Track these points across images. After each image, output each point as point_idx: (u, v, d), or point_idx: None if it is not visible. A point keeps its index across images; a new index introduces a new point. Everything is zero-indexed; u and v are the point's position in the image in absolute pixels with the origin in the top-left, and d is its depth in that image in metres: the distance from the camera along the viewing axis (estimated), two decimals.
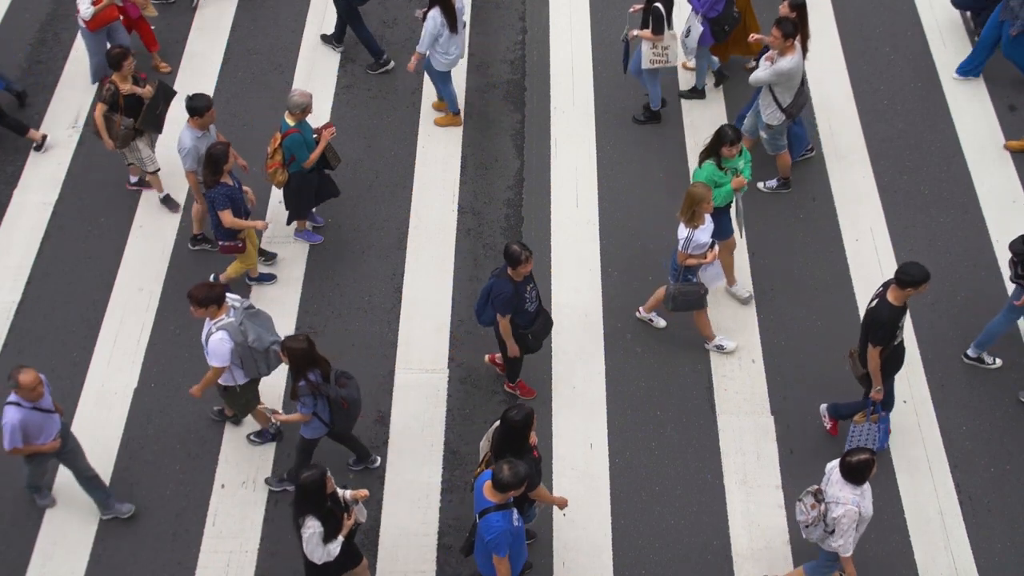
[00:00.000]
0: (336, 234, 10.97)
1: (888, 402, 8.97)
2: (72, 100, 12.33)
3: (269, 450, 9.39)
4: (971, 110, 12.04)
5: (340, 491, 7.67)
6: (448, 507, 9.07)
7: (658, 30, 11.08)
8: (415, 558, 8.79)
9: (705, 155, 9.59)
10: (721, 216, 9.71)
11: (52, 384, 9.77)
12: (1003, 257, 10.68)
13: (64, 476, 9.21)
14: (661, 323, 10.16)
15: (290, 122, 9.93)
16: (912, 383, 9.76)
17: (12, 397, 7.98)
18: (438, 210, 11.21)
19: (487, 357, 9.89)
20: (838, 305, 10.34)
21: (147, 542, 8.87)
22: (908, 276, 8.17)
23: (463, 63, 12.63)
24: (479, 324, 9.20)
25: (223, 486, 9.19)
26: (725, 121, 11.88)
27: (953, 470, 9.23)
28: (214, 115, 9.86)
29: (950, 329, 10.11)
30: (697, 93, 12.22)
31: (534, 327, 9.03)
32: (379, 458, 9.30)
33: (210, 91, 12.29)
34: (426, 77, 12.44)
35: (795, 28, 10.15)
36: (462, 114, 12.05)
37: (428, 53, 11.24)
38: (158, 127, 10.66)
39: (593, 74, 12.54)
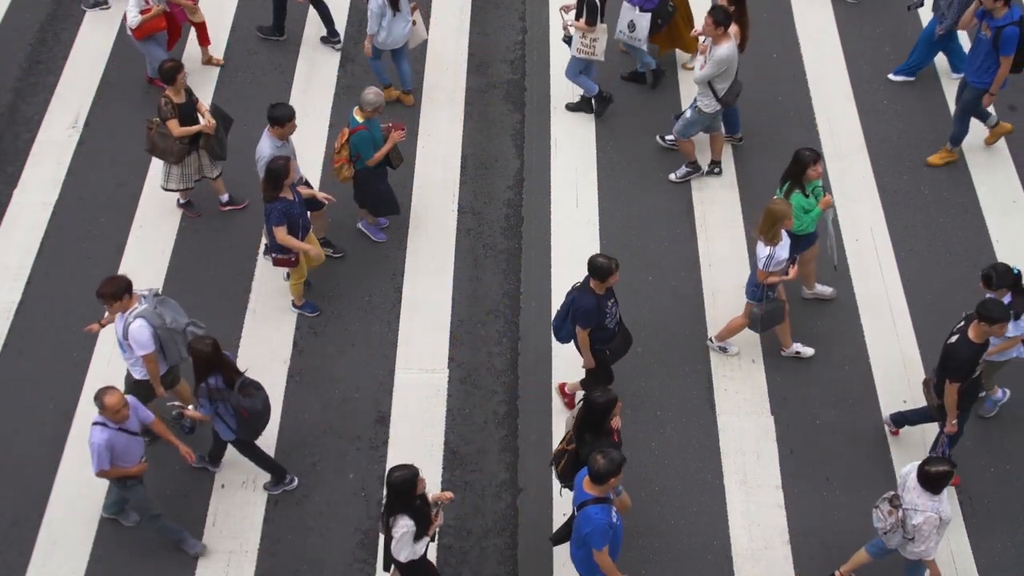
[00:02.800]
0: (336, 234, 10.97)
1: (957, 436, 8.73)
2: (72, 100, 12.32)
3: (269, 451, 9.38)
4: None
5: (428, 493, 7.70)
6: (448, 507, 9.06)
7: (591, 21, 11.17)
8: None
9: (790, 186, 9.34)
10: (803, 240, 9.56)
11: (52, 384, 9.77)
12: (1003, 257, 10.68)
13: (64, 476, 9.21)
14: (734, 350, 9.96)
15: (359, 118, 9.86)
16: (912, 383, 9.75)
17: (98, 418, 7.85)
18: (438, 210, 11.21)
19: (557, 385, 9.70)
20: (838, 305, 10.33)
21: (147, 542, 8.87)
22: (992, 315, 7.97)
23: (463, 63, 12.64)
24: (557, 340, 8.99)
25: (223, 486, 9.19)
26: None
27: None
28: (295, 125, 9.72)
29: (950, 329, 10.10)
30: (638, 76, 12.37)
31: (612, 344, 8.86)
32: (296, 479, 9.16)
33: (210, 92, 12.29)
34: (425, 78, 12.45)
35: (727, 17, 10.16)
36: (461, 115, 12.04)
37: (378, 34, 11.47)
38: (222, 154, 10.59)
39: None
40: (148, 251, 10.87)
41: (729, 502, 9.06)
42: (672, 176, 11.38)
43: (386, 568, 7.87)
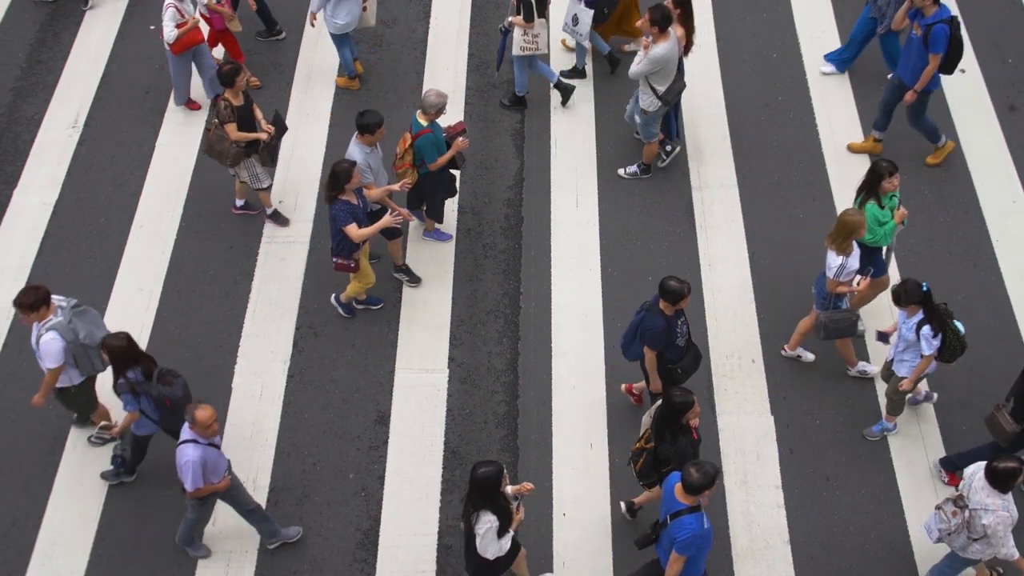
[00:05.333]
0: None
1: None
2: (72, 100, 12.33)
3: (269, 451, 9.39)
4: (971, 110, 12.05)
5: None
6: (448, 507, 9.07)
7: (528, 17, 11.21)
8: (415, 558, 8.79)
9: (865, 197, 9.23)
10: (876, 252, 9.48)
11: None
12: (1003, 257, 10.69)
13: (64, 476, 9.22)
14: (810, 357, 9.85)
15: (423, 122, 9.79)
16: None
17: (188, 434, 7.72)
18: None
19: (623, 387, 9.62)
20: None
21: (147, 542, 8.87)
22: None
23: (463, 63, 12.64)
24: (625, 358, 8.94)
25: None
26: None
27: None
28: (384, 132, 9.62)
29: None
30: (577, 73, 12.43)
31: (683, 362, 8.78)
32: (136, 475, 9.16)
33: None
34: (425, 78, 12.46)
35: (664, 18, 10.13)
36: (461, 115, 12.04)
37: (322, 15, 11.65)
38: (272, 162, 10.55)
39: (593, 74, 12.54)
40: (148, 251, 10.87)
41: (729, 502, 9.06)
42: (622, 171, 11.40)
43: (466, 566, 7.84)
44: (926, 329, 8.48)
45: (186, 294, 10.50)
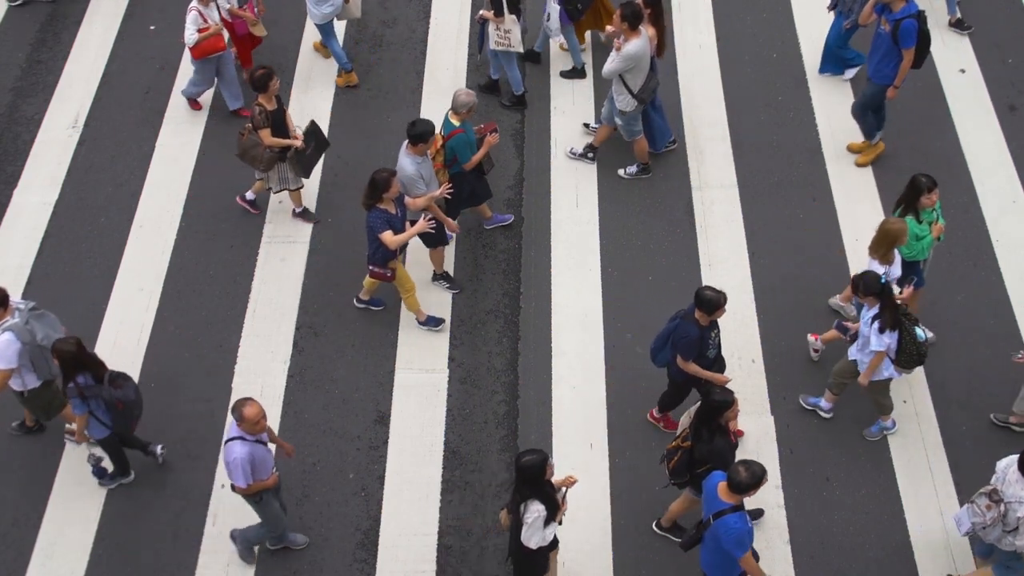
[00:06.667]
0: (336, 234, 10.97)
1: None
2: (72, 100, 12.33)
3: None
4: (971, 110, 12.05)
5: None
6: (448, 507, 9.07)
7: (498, 12, 11.28)
8: (415, 558, 8.79)
9: (903, 211, 9.16)
10: (915, 264, 9.42)
11: None
12: (1003, 257, 10.69)
13: (64, 476, 9.21)
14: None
15: (455, 122, 9.76)
16: (912, 383, 9.75)
17: (235, 431, 7.70)
18: None
19: (650, 414, 9.53)
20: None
21: (147, 542, 8.87)
22: None
23: (463, 63, 12.64)
24: (654, 364, 8.88)
25: (223, 486, 9.19)
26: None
27: (953, 470, 9.23)
28: (436, 140, 9.55)
29: (950, 329, 10.11)
30: (577, 72, 12.44)
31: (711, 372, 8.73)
32: (133, 472, 9.16)
33: (210, 93, 12.29)
34: (425, 78, 12.46)
35: (635, 16, 10.15)
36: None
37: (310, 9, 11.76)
38: (306, 172, 10.50)
39: (593, 74, 12.54)
40: (148, 251, 10.87)
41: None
42: (622, 172, 11.41)
43: (510, 554, 7.84)
44: (876, 323, 8.48)
45: (186, 294, 10.50)
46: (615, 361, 9.94)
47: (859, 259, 10.69)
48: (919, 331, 8.57)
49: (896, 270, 8.92)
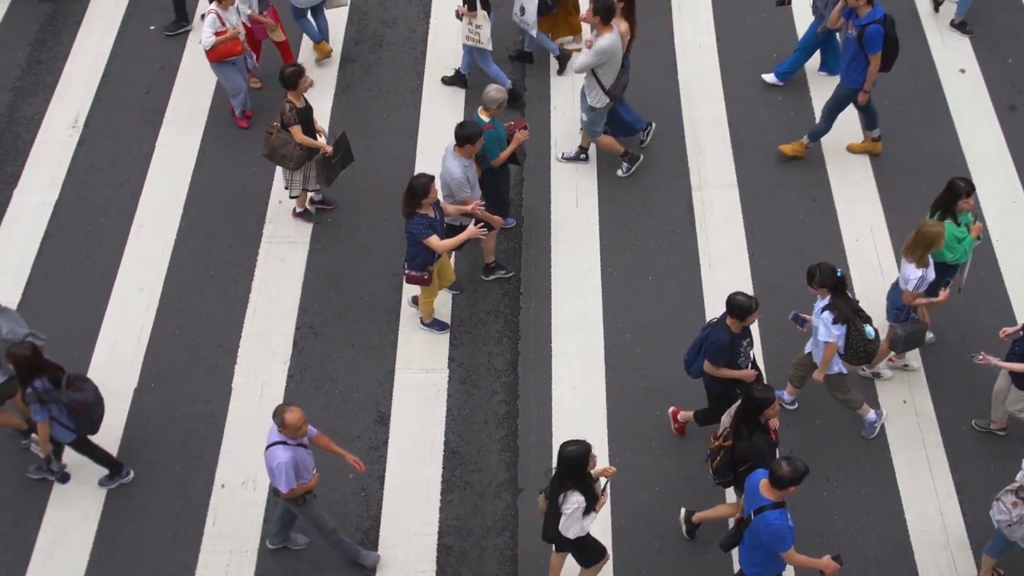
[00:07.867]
0: (336, 234, 10.97)
1: None
2: (72, 100, 12.33)
3: None
4: (971, 110, 12.05)
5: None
6: (448, 507, 9.07)
7: (471, 7, 11.31)
8: (415, 558, 8.79)
9: (941, 215, 9.11)
10: (951, 266, 9.37)
11: None
12: (1003, 257, 10.69)
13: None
14: (888, 375, 9.71)
15: (485, 118, 9.75)
16: (912, 383, 9.75)
17: (277, 436, 7.71)
18: None
19: (671, 410, 9.44)
20: None
21: (147, 542, 8.87)
22: None
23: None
24: (688, 375, 8.83)
25: (223, 486, 9.19)
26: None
27: (953, 470, 9.23)
28: (482, 143, 9.52)
29: (950, 329, 10.10)
30: (563, 61, 12.50)
31: (741, 385, 8.63)
32: (132, 472, 9.17)
33: (209, 93, 12.29)
34: (425, 78, 12.46)
35: (608, 10, 10.12)
36: (461, 115, 12.04)
37: None
38: (328, 181, 10.50)
39: None
40: (148, 251, 10.88)
41: (729, 502, 9.05)
42: (619, 172, 11.41)
43: (546, 539, 7.87)
44: (826, 314, 8.50)
45: (186, 294, 10.50)
46: (615, 361, 9.94)
47: (859, 259, 10.70)
48: (868, 328, 8.57)
49: (931, 273, 8.87)
